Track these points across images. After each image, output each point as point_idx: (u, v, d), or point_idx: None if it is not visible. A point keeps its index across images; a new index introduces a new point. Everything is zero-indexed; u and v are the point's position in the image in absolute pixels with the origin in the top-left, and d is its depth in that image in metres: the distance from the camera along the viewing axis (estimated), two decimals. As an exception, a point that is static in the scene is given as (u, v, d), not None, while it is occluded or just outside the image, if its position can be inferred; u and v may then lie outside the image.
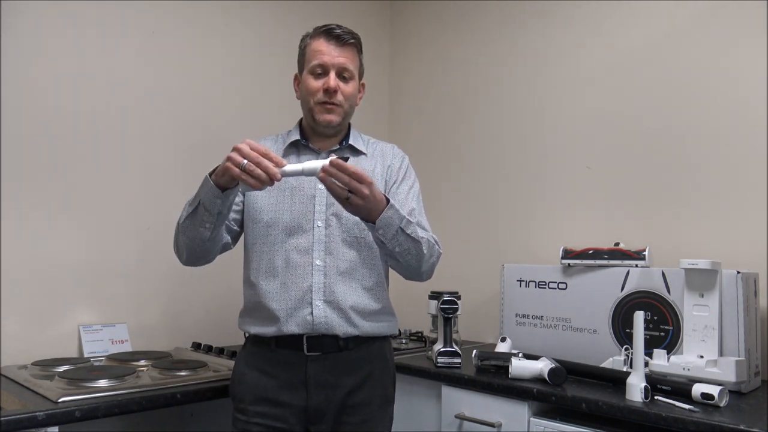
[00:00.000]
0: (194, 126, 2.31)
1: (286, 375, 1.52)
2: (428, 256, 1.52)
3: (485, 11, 2.58)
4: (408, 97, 2.89)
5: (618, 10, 2.17)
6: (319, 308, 1.51)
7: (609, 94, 2.19)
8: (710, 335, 1.63)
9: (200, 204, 1.41)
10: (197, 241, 1.47)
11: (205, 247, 1.50)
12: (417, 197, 1.65)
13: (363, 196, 1.33)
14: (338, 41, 1.56)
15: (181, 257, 1.57)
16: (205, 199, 1.40)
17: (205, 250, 1.52)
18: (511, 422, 1.66)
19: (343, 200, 1.35)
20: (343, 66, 1.55)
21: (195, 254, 1.52)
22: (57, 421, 1.39)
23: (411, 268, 1.52)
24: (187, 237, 1.48)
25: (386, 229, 1.41)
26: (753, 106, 1.86)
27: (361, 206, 1.35)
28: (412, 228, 1.46)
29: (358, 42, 1.61)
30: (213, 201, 1.39)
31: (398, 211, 1.42)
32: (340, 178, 1.31)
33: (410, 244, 1.46)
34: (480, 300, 2.44)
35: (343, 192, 1.32)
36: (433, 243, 1.54)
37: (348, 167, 1.30)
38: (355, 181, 1.31)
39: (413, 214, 1.58)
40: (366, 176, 1.33)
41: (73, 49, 2.03)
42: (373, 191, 1.35)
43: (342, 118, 1.59)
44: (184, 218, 1.47)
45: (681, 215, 2.00)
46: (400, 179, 1.64)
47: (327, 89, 1.54)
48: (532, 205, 2.39)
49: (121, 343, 2.04)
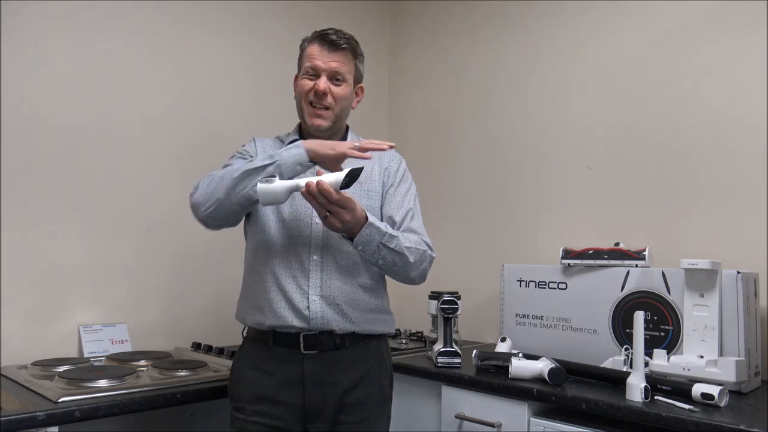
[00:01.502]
0: (194, 126, 2.31)
1: (283, 373, 1.52)
2: (417, 263, 1.55)
3: (485, 11, 2.58)
4: (408, 97, 2.89)
5: (619, 10, 2.17)
6: (315, 303, 1.51)
7: (609, 94, 2.19)
8: (710, 335, 1.63)
9: (275, 164, 1.43)
10: (241, 199, 1.45)
11: (242, 209, 1.49)
12: (414, 199, 1.68)
13: (342, 220, 1.39)
14: (331, 45, 1.59)
15: (204, 209, 1.49)
16: (288, 162, 1.44)
17: (239, 212, 1.51)
18: (511, 422, 1.66)
19: (321, 217, 1.41)
20: (335, 69, 1.58)
21: (223, 212, 1.48)
22: (57, 421, 1.39)
23: (399, 276, 1.57)
24: (236, 189, 1.44)
25: (365, 246, 1.46)
26: (753, 106, 1.86)
27: (337, 228, 1.42)
28: (396, 242, 1.49)
29: (354, 47, 1.63)
30: (293, 167, 1.45)
31: (378, 228, 1.46)
32: (321, 202, 1.36)
33: (394, 257, 1.50)
34: (480, 300, 2.44)
35: (321, 211, 1.39)
36: (423, 249, 1.57)
37: (331, 194, 1.35)
38: (336, 206, 1.37)
39: (409, 215, 1.62)
40: (350, 202, 1.39)
41: (72, 48, 2.03)
42: (355, 215, 1.40)
43: (332, 122, 1.61)
44: (243, 170, 1.44)
45: (681, 215, 2.00)
46: (397, 182, 1.66)
47: (317, 91, 1.57)
48: (532, 205, 2.39)
49: (121, 343, 2.05)
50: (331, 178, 1.37)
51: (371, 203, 1.60)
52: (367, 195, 1.61)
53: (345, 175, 1.37)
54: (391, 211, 1.62)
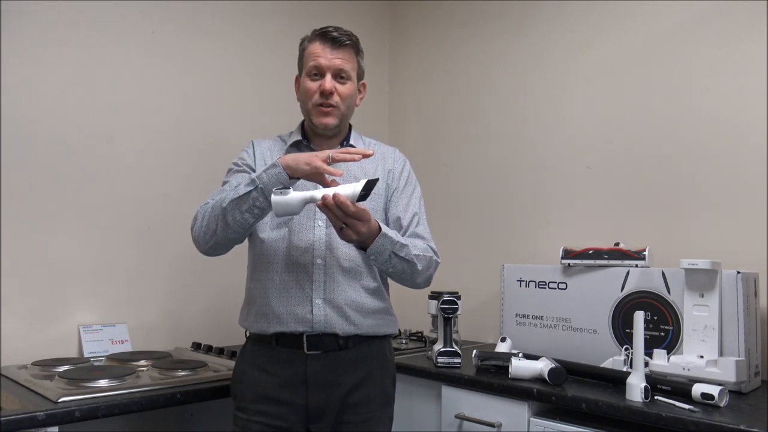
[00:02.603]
0: (195, 125, 2.31)
1: (286, 373, 1.52)
2: (424, 270, 1.56)
3: (485, 11, 2.58)
4: (408, 98, 2.89)
5: (619, 11, 2.17)
6: (318, 306, 1.51)
7: (609, 94, 2.19)
8: (710, 335, 1.63)
9: (257, 188, 1.41)
10: (236, 226, 1.45)
11: (239, 233, 1.49)
12: (419, 202, 1.68)
13: (358, 232, 1.38)
14: (334, 43, 1.57)
15: (203, 243, 1.52)
16: (269, 184, 1.40)
17: (236, 238, 1.51)
18: (511, 422, 1.66)
19: (337, 229, 1.40)
20: (339, 67, 1.57)
21: (225, 241, 1.50)
22: (57, 421, 1.39)
23: (406, 282, 1.58)
24: (228, 220, 1.45)
25: (378, 255, 1.46)
26: (753, 105, 1.86)
27: (353, 240, 1.41)
28: (406, 251, 1.50)
29: (356, 43, 1.62)
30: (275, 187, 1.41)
31: (391, 238, 1.46)
32: (337, 214, 1.35)
33: (404, 265, 1.51)
34: (480, 300, 2.44)
35: (337, 223, 1.38)
36: (430, 256, 1.57)
37: (348, 207, 1.34)
38: (353, 219, 1.36)
39: (415, 219, 1.62)
40: (366, 214, 1.38)
41: (72, 48, 2.03)
42: (369, 227, 1.40)
43: (339, 120, 1.60)
44: (230, 200, 1.44)
45: (681, 215, 2.00)
46: (402, 184, 1.66)
47: (323, 91, 1.55)
48: (532, 205, 2.39)
49: (121, 343, 2.04)
50: (347, 191, 1.36)
51: (374, 206, 1.60)
52: (371, 197, 1.59)
53: (362, 187, 1.36)
54: (398, 213, 1.61)
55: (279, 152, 1.64)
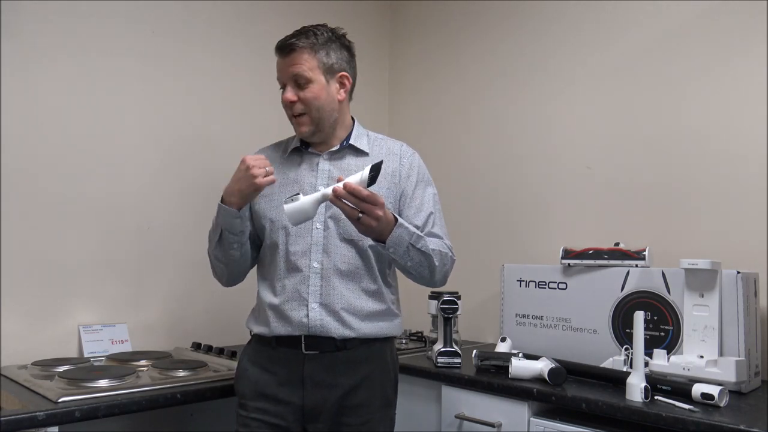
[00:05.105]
0: (195, 126, 2.31)
1: (284, 372, 1.53)
2: (441, 265, 1.55)
3: (485, 11, 2.58)
4: (408, 98, 2.89)
5: (621, 11, 2.17)
6: (314, 311, 1.51)
7: (610, 94, 2.19)
8: (710, 335, 1.63)
9: (223, 231, 1.52)
10: (231, 263, 1.59)
11: (240, 265, 1.62)
12: (432, 200, 1.64)
13: (376, 217, 1.37)
14: (284, 51, 1.57)
15: (222, 281, 1.68)
16: (226, 224, 1.51)
17: (241, 269, 1.64)
18: (511, 422, 1.66)
19: (354, 220, 1.38)
20: (295, 73, 1.55)
21: (234, 275, 1.65)
22: (57, 421, 1.39)
23: (424, 278, 1.56)
24: (219, 262, 1.60)
25: (396, 247, 1.45)
26: (753, 105, 1.86)
27: (373, 227, 1.39)
28: (423, 242, 1.49)
29: (311, 41, 1.55)
30: (233, 223, 1.51)
31: (407, 228, 1.46)
32: (352, 201, 1.35)
33: (421, 258, 1.50)
34: (480, 300, 2.44)
35: (354, 212, 1.36)
36: (446, 252, 1.57)
37: (361, 191, 1.34)
38: (368, 203, 1.35)
39: (431, 219, 1.60)
40: (379, 198, 1.37)
41: (72, 48, 2.03)
42: (385, 212, 1.39)
43: (315, 125, 1.58)
44: (214, 246, 1.58)
45: (681, 215, 2.00)
46: (411, 188, 1.61)
47: (286, 104, 1.58)
48: (532, 205, 2.39)
49: (121, 343, 2.04)
50: (355, 178, 1.36)
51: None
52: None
53: (368, 171, 1.34)
54: (411, 216, 1.58)
55: (277, 162, 1.63)
